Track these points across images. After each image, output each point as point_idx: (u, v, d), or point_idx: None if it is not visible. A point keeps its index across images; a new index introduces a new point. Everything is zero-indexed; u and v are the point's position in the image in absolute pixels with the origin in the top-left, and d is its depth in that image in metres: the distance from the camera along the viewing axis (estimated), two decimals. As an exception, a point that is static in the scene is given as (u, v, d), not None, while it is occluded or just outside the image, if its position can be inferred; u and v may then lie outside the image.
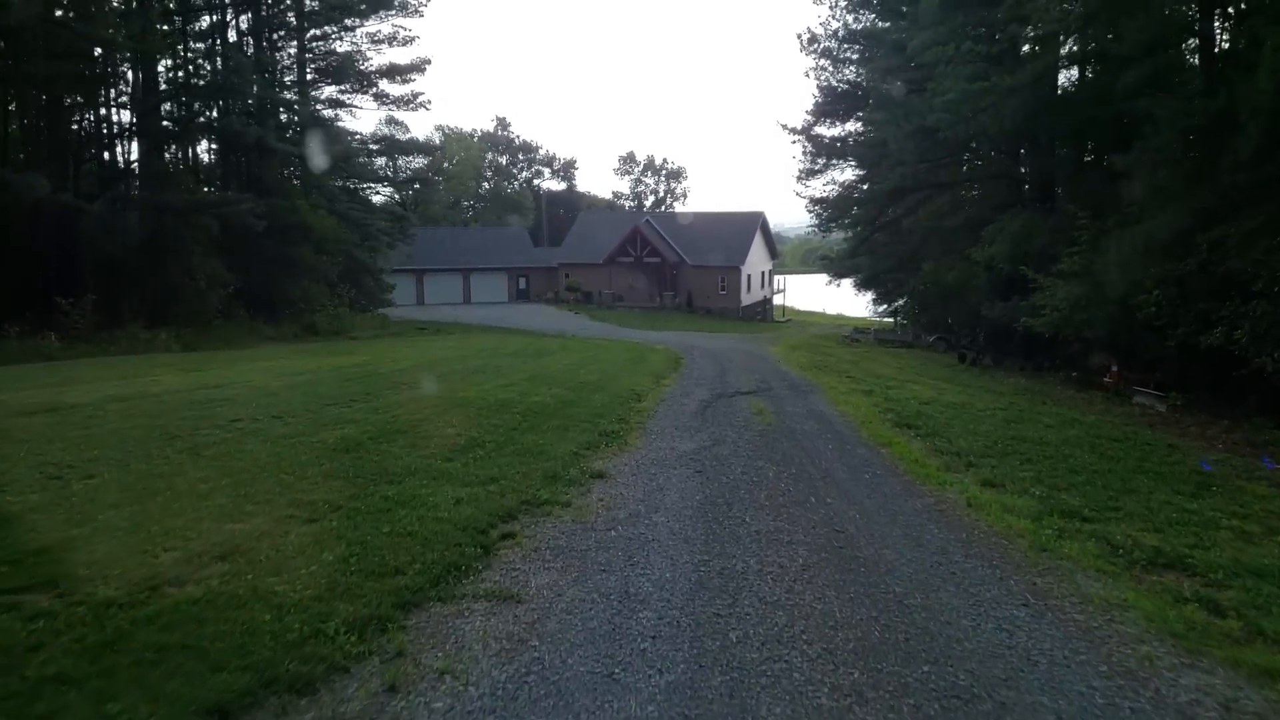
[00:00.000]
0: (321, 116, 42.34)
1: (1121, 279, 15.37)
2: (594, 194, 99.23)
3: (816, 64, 39.49)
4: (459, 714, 3.91)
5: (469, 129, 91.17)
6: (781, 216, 75.63)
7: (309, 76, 44.31)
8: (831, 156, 41.43)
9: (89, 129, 31.84)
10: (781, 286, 70.59)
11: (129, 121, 31.82)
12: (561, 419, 12.12)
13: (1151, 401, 18.46)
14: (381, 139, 53.47)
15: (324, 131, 39.49)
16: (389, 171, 67.42)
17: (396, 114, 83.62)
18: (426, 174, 75.92)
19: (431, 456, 9.13)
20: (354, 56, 44.69)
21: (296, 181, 40.46)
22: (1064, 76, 23.49)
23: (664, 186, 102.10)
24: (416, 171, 73.39)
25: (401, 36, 45.73)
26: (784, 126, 46.48)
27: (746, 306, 58.41)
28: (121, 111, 31.85)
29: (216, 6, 35.39)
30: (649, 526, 6.98)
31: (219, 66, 33.44)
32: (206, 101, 33.41)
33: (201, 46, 35.90)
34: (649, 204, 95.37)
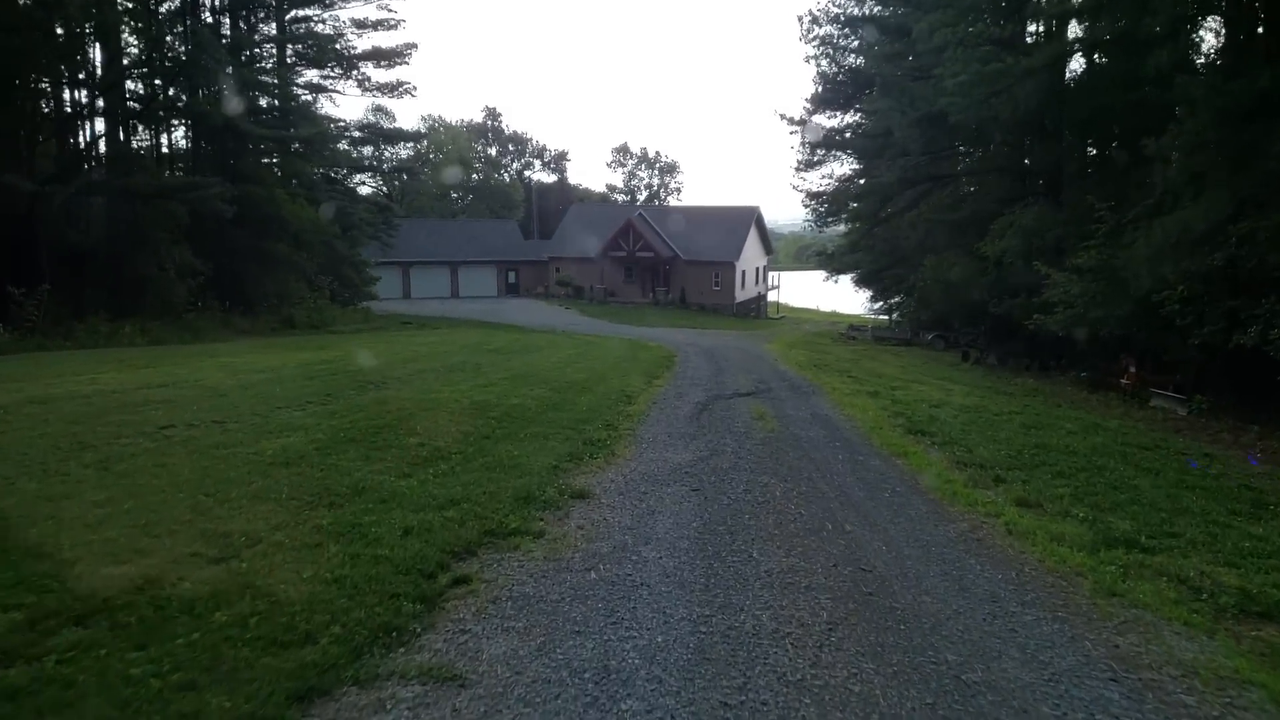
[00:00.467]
0: (300, 100, 40.81)
1: (1150, 274, 14.22)
2: (586, 187, 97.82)
3: (817, 51, 38.33)
4: None
5: (458, 120, 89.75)
6: (774, 213, 74.66)
7: (289, 60, 42.86)
8: (831, 148, 40.23)
9: (49, 109, 30.26)
10: (776, 283, 69.37)
11: (87, 101, 30.27)
12: (542, 425, 10.90)
13: (1171, 405, 17.35)
14: (365, 126, 51.94)
15: (302, 116, 38.01)
16: (375, 161, 66.06)
17: (381, 101, 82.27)
18: (413, 164, 74.45)
19: (386, 472, 7.89)
20: (336, 40, 43.24)
21: (276, 170, 39.05)
22: (1078, 62, 22.43)
23: (658, 180, 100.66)
24: (403, 161, 71.96)
25: (387, 21, 44.25)
26: (782, 116, 45.39)
27: (741, 303, 57.18)
28: (81, 91, 30.27)
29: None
30: (637, 565, 5.77)
31: (189, 45, 31.91)
32: (172, 81, 31.82)
33: (179, 27, 34.40)
34: (643, 198, 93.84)
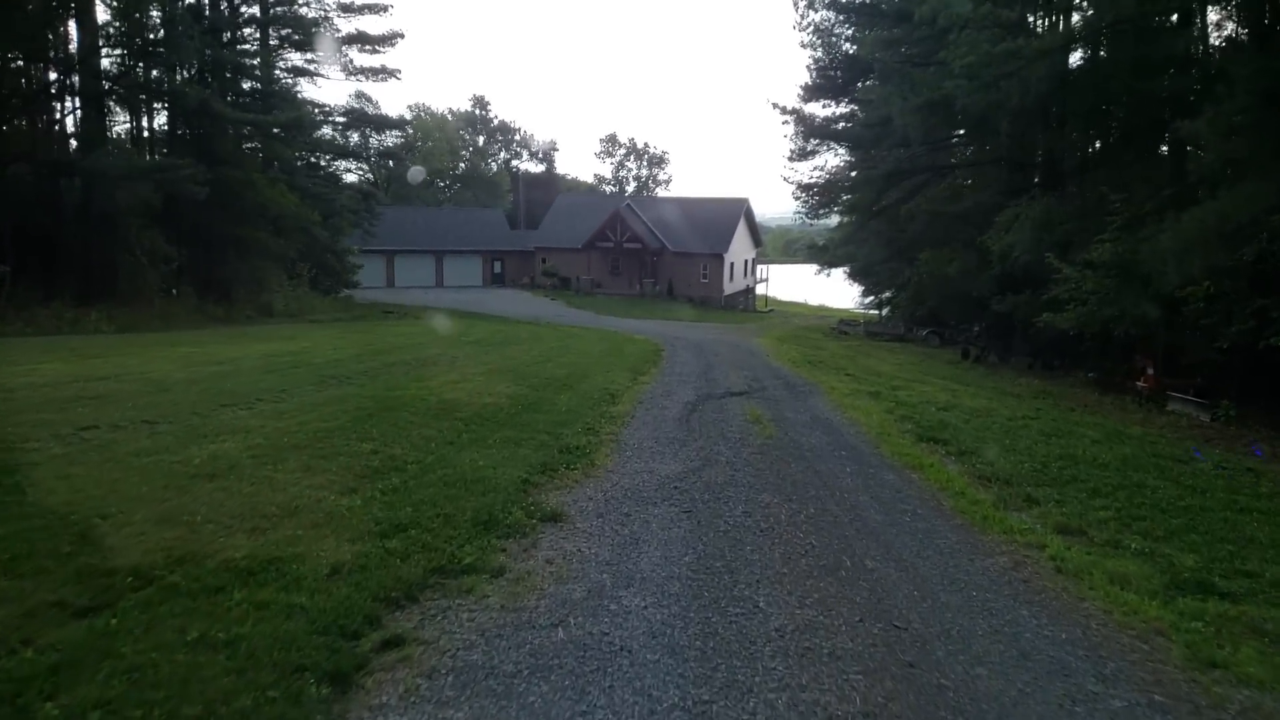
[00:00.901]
0: (282, 84, 39.38)
1: (1176, 268, 13.18)
2: (574, 177, 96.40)
3: (811, 39, 37.12)
4: None
5: (445, 109, 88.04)
6: (762, 206, 73.16)
7: (273, 43, 41.40)
8: (825, 138, 39.07)
9: (18, 86, 28.82)
10: (764, 276, 68.32)
11: (58, 79, 28.85)
12: (515, 428, 9.77)
13: (1191, 410, 16.37)
14: (348, 111, 50.47)
15: (283, 100, 36.62)
16: (361, 148, 64.55)
17: (366, 86, 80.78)
18: (399, 151, 72.93)
19: (328, 486, 6.76)
20: (321, 22, 41.81)
21: (259, 154, 37.67)
22: (1086, 49, 21.35)
23: (646, 171, 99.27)
24: (389, 148, 70.41)
25: (374, 5, 42.81)
26: (775, 105, 44.45)
27: (729, 295, 56.09)
28: (52, 69, 28.84)
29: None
30: (617, 618, 4.65)
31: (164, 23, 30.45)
32: (147, 60, 30.37)
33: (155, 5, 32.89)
34: (631, 189, 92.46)
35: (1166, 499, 8.34)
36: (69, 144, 30.56)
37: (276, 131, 34.97)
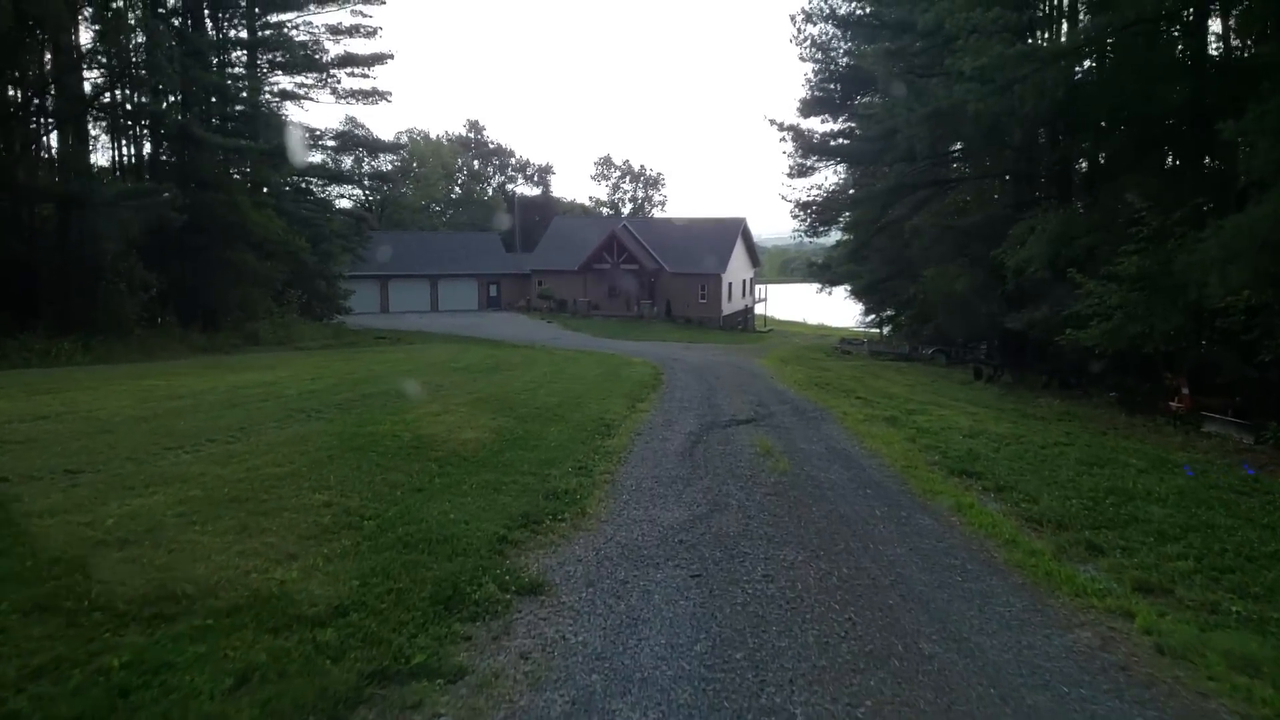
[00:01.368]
0: (269, 108, 38.47)
1: (1221, 280, 12.06)
2: (570, 200, 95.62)
3: (809, 54, 36.25)
4: None
5: (440, 133, 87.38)
6: (758, 227, 72.35)
7: (263, 68, 40.59)
8: (823, 155, 38.12)
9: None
10: (763, 295, 67.33)
11: (28, 101, 27.80)
12: (496, 469, 8.62)
13: (1231, 432, 15.21)
14: (340, 134, 49.63)
15: (269, 122, 35.65)
16: (354, 173, 63.70)
17: (357, 109, 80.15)
18: (394, 175, 72.14)
19: (260, 553, 5.59)
20: (310, 46, 41.02)
21: (247, 179, 36.69)
22: (1092, 60, 20.43)
23: (642, 193, 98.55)
24: (382, 173, 69.57)
25: (362, 28, 42.05)
26: (772, 121, 43.35)
27: (728, 316, 55.05)
28: (22, 90, 27.79)
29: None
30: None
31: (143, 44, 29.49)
32: (125, 82, 29.39)
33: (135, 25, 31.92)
34: (627, 211, 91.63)
35: (1248, 544, 7.17)
36: (51, 169, 29.56)
37: (263, 156, 33.88)
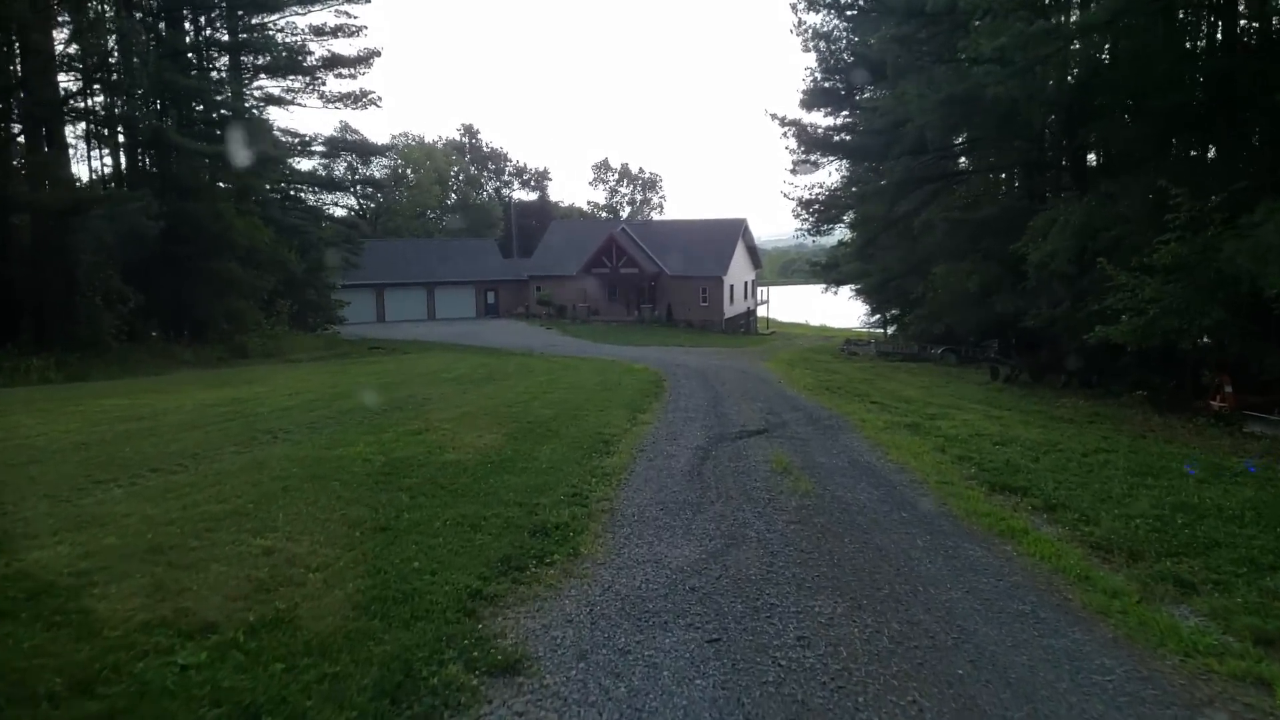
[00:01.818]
0: (249, 111, 37.32)
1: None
2: (569, 204, 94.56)
3: (809, 46, 35.12)
4: None
5: (434, 138, 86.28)
6: (758, 229, 70.90)
7: (248, 70, 39.53)
8: (826, 150, 37.03)
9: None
10: (765, 297, 66.25)
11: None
12: (477, 499, 7.49)
13: (1275, 431, 14.12)
14: (329, 140, 48.51)
15: (250, 127, 34.48)
16: (348, 179, 62.71)
17: (346, 114, 79.10)
18: (387, 182, 71.16)
19: (167, 624, 4.44)
20: (294, 47, 39.94)
21: (231, 186, 35.53)
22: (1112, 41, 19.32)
23: (640, 196, 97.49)
24: (375, 179, 68.62)
25: (346, 27, 40.94)
26: (773, 116, 41.96)
27: (730, 318, 53.96)
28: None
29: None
30: None
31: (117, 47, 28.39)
32: (94, 84, 28.24)
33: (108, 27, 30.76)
34: (625, 214, 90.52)
35: (1366, 573, 6.07)
36: (21, 178, 28.40)
37: (244, 162, 32.71)
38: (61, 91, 27.65)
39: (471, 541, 6.17)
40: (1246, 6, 16.81)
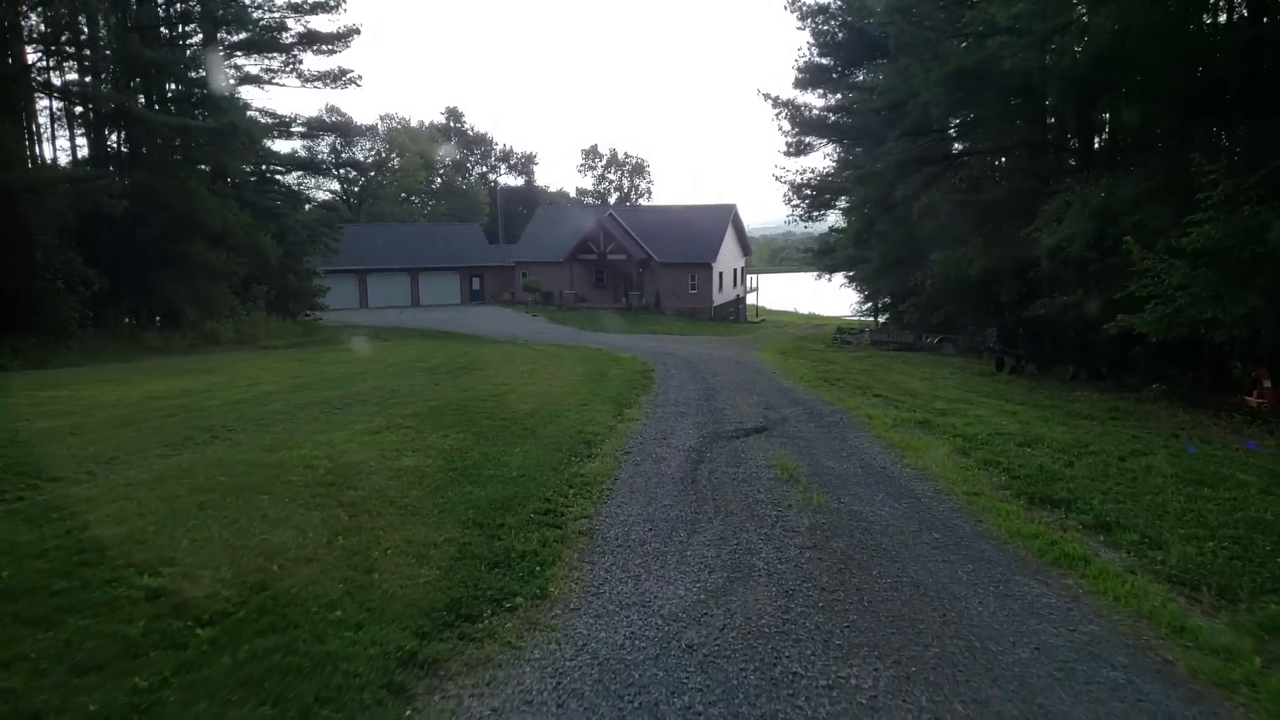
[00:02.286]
0: (223, 87, 35.73)
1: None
2: (556, 189, 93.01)
3: (803, 23, 33.72)
4: None
5: (419, 121, 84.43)
6: (747, 216, 69.49)
7: (223, 46, 37.93)
8: (821, 131, 35.73)
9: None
10: (754, 285, 65.08)
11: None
12: (429, 519, 6.27)
13: (1318, 430, 13.06)
14: (309, 121, 46.86)
15: (223, 103, 32.92)
16: (328, 161, 61.07)
17: (327, 94, 77.37)
18: (370, 165, 69.56)
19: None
20: (271, 24, 38.32)
21: (208, 165, 33.99)
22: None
23: (628, 182, 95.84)
24: (358, 162, 67.02)
25: (325, 3, 39.36)
26: (766, 96, 40.67)
27: (719, 306, 52.74)
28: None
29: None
30: None
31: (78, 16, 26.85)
32: (52, 55, 26.69)
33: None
34: (613, 200, 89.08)
35: None
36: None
37: (213, 138, 31.14)
38: (27, 63, 26.16)
39: (414, 579, 4.95)
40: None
